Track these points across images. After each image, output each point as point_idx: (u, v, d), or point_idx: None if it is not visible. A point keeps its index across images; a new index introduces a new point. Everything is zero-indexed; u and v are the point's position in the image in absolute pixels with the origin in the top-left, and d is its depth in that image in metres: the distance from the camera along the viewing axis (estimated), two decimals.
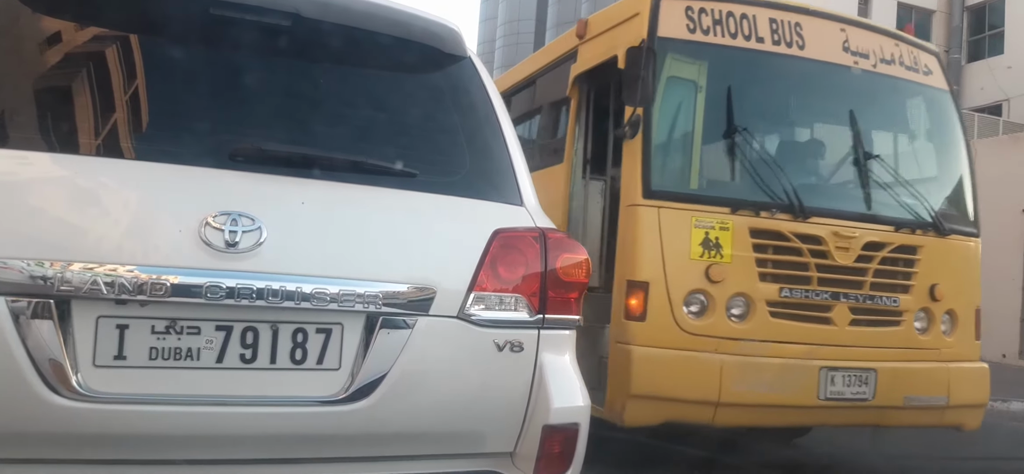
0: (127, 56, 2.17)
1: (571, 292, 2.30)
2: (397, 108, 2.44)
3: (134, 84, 2.16)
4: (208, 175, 1.99)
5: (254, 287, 1.90)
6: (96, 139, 2.07)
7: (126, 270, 1.83)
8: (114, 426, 1.85)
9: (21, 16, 2.17)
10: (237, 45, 2.25)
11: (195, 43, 2.24)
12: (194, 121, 2.15)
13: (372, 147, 2.30)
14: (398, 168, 2.24)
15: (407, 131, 2.42)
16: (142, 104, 2.15)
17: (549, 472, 2.23)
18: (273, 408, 1.97)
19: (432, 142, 2.43)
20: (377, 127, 2.39)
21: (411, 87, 2.51)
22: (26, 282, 1.78)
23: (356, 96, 2.40)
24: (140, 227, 1.92)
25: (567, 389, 2.26)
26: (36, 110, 2.13)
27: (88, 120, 2.11)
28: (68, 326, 1.82)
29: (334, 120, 2.33)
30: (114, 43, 2.17)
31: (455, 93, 2.47)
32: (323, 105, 2.34)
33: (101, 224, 1.91)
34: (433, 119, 2.46)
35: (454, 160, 2.41)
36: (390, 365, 2.04)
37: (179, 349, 1.89)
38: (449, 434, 2.19)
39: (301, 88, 2.33)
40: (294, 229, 2.01)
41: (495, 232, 2.20)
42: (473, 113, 2.46)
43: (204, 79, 2.22)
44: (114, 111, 2.12)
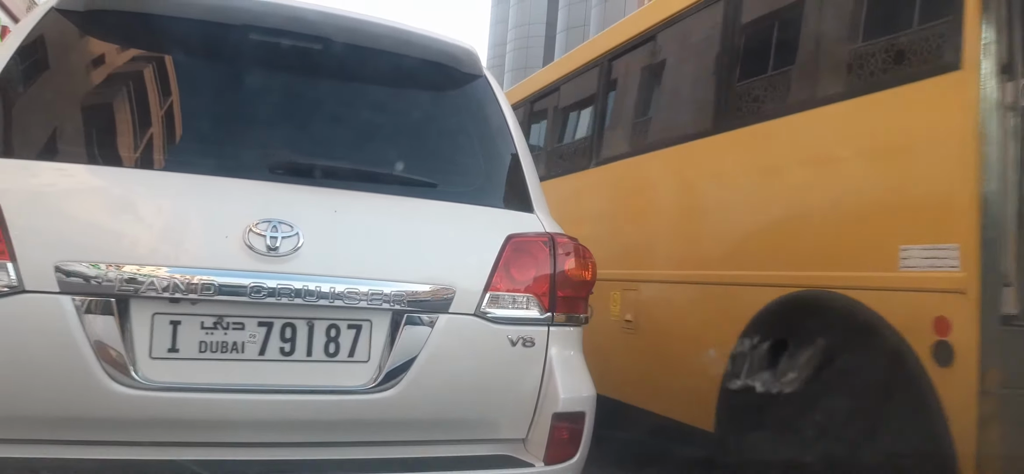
0: (178, 78, 2.38)
1: (579, 292, 2.47)
2: (419, 123, 2.63)
3: (184, 104, 2.36)
4: (251, 186, 2.18)
5: (293, 287, 2.09)
6: (152, 154, 2.27)
7: (179, 272, 2.02)
8: (167, 412, 2.04)
9: (86, 43, 2.40)
10: (275, 67, 2.44)
11: (237, 66, 2.43)
12: (237, 137, 2.34)
13: (397, 159, 2.48)
14: (420, 179, 2.42)
15: (428, 144, 2.61)
16: (191, 122, 2.35)
17: (558, 457, 2.38)
18: (309, 396, 2.15)
19: (451, 154, 2.62)
20: (401, 141, 2.57)
21: (431, 104, 2.70)
22: (91, 283, 1.97)
23: (382, 113, 2.58)
24: (191, 233, 2.11)
25: (575, 380, 2.43)
26: (99, 128, 2.32)
27: (145, 137, 2.31)
28: (127, 322, 2.01)
29: (362, 135, 2.51)
30: (166, 66, 2.37)
31: (471, 109, 2.66)
32: (352, 121, 2.52)
33: (157, 231, 2.10)
34: (451, 133, 2.65)
35: (471, 171, 2.60)
36: (414, 358, 2.21)
37: (226, 343, 2.08)
38: (466, 421, 2.35)
39: (332, 106, 2.51)
40: (328, 235, 2.18)
41: (508, 237, 2.37)
42: (488, 127, 2.64)
43: (246, 98, 2.41)
44: (167, 129, 2.33)
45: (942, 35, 2.99)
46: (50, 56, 2.34)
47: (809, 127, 3.59)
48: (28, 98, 2.29)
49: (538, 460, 2.36)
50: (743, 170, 3.98)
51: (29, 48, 2.28)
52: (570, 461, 2.41)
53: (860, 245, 3.20)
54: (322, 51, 2.43)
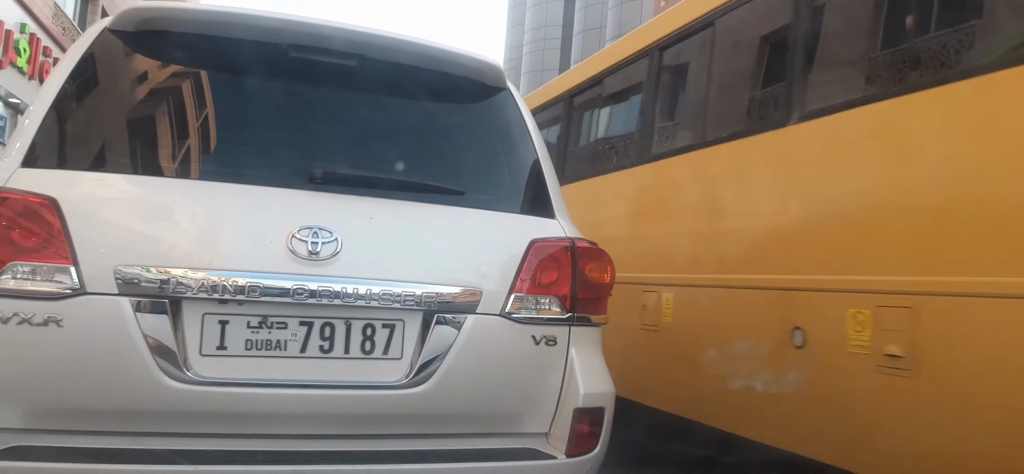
0: (223, 94, 2.53)
1: (598, 294, 2.59)
2: (447, 134, 2.77)
3: (229, 118, 2.51)
4: (293, 195, 2.32)
5: (332, 289, 2.22)
6: (200, 166, 2.42)
7: (227, 275, 2.16)
8: (217, 405, 2.18)
9: (137, 61, 2.55)
10: (313, 83, 2.58)
11: (278, 82, 2.58)
12: (279, 149, 2.48)
13: (427, 169, 2.62)
14: (448, 187, 2.55)
15: (456, 155, 2.74)
16: (236, 135, 2.50)
17: (579, 450, 2.49)
18: (346, 391, 2.28)
19: (477, 164, 2.75)
20: (430, 151, 2.70)
21: (458, 116, 2.84)
22: (147, 286, 2.11)
23: (412, 125, 2.72)
24: (238, 239, 2.25)
25: (595, 377, 2.54)
26: (150, 141, 2.47)
27: (193, 150, 2.45)
28: (179, 322, 2.15)
29: (394, 146, 2.64)
30: (212, 83, 2.53)
31: (496, 121, 2.79)
32: (385, 133, 2.66)
33: (206, 237, 2.25)
34: (478, 144, 2.78)
35: (496, 179, 2.73)
36: (443, 356, 2.34)
37: (270, 341, 2.21)
38: (493, 415, 2.48)
39: (366, 118, 2.66)
40: (364, 240, 2.31)
41: (531, 242, 2.49)
42: (511, 137, 2.77)
43: (286, 112, 2.56)
44: (214, 142, 2.48)
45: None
46: (104, 73, 2.50)
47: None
48: (84, 113, 2.44)
49: (560, 453, 2.47)
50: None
51: (83, 66, 2.43)
52: (591, 454, 2.51)
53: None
54: (357, 68, 2.58)
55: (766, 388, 3.82)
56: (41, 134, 2.26)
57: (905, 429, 3.04)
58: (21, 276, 2.06)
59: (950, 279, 2.88)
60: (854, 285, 3.26)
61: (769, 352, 3.78)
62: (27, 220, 2.09)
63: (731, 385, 3.97)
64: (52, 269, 2.07)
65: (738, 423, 4.01)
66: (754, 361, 3.90)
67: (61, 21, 20.34)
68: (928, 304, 2.94)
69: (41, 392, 2.10)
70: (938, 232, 2.97)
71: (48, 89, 2.38)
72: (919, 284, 2.98)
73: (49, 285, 2.07)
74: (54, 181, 2.16)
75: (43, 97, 2.36)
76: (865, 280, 3.21)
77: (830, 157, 3.55)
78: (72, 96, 2.39)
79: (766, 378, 3.85)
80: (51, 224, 2.09)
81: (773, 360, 3.75)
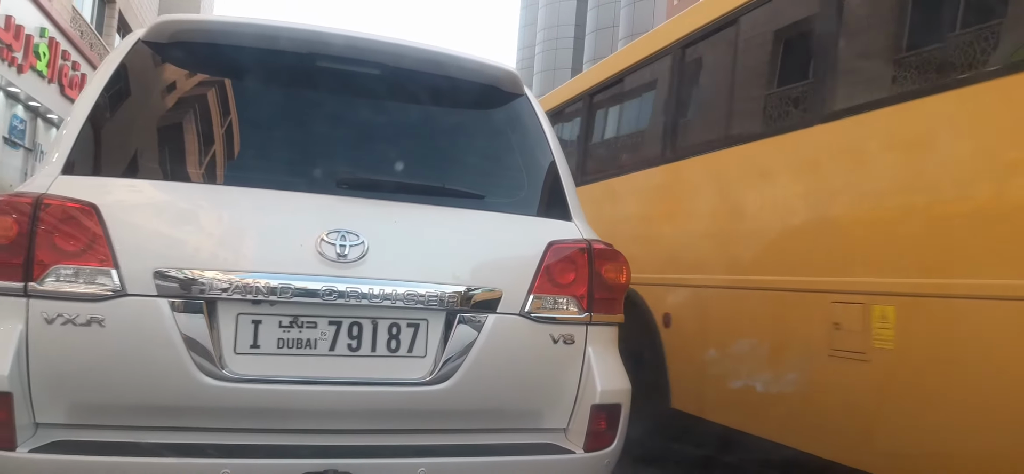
0: (253, 102, 2.63)
1: (614, 294, 2.67)
2: (468, 140, 2.86)
3: (259, 126, 2.61)
4: (321, 200, 2.41)
5: (359, 290, 2.32)
6: (232, 171, 2.52)
7: (260, 277, 2.26)
8: (251, 401, 2.27)
9: (170, 71, 2.66)
10: (339, 91, 2.68)
11: (305, 90, 2.68)
12: (307, 156, 2.57)
13: (448, 174, 2.71)
14: (469, 191, 2.64)
15: (476, 159, 2.83)
16: (266, 142, 2.60)
17: (596, 445, 2.57)
18: (373, 387, 2.37)
19: (496, 168, 2.83)
20: (451, 156, 2.80)
21: (478, 122, 2.92)
22: (184, 287, 2.21)
23: (434, 131, 2.82)
24: (270, 243, 2.34)
25: (611, 375, 2.62)
26: (185, 148, 2.58)
27: (226, 156, 2.56)
28: (215, 322, 2.25)
29: (417, 152, 2.73)
30: (242, 92, 2.63)
31: (514, 126, 2.88)
32: (408, 139, 2.75)
33: (240, 240, 2.34)
34: (496, 148, 2.87)
35: (514, 183, 2.81)
36: (466, 354, 2.42)
37: (300, 340, 2.31)
38: (513, 411, 2.56)
39: (390, 125, 2.75)
40: (389, 243, 2.40)
41: (549, 244, 2.57)
42: (529, 142, 2.85)
43: (313, 120, 2.65)
44: (245, 148, 2.58)
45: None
46: (138, 83, 2.60)
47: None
48: (120, 121, 2.54)
49: (578, 447, 2.55)
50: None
51: (118, 76, 2.53)
52: (608, 449, 2.59)
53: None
54: (381, 76, 2.67)
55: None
56: (79, 143, 2.36)
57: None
58: (64, 279, 2.16)
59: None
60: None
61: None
62: (69, 225, 2.19)
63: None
64: (94, 272, 2.17)
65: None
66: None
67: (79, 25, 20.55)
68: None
69: (84, 389, 2.20)
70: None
71: (85, 99, 2.47)
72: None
73: (92, 287, 2.16)
74: (93, 188, 2.26)
75: (80, 107, 2.45)
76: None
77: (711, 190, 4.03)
78: (108, 105, 2.48)
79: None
80: (92, 229, 2.19)
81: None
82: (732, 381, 4.09)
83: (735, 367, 4.05)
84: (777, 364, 3.79)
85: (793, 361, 3.70)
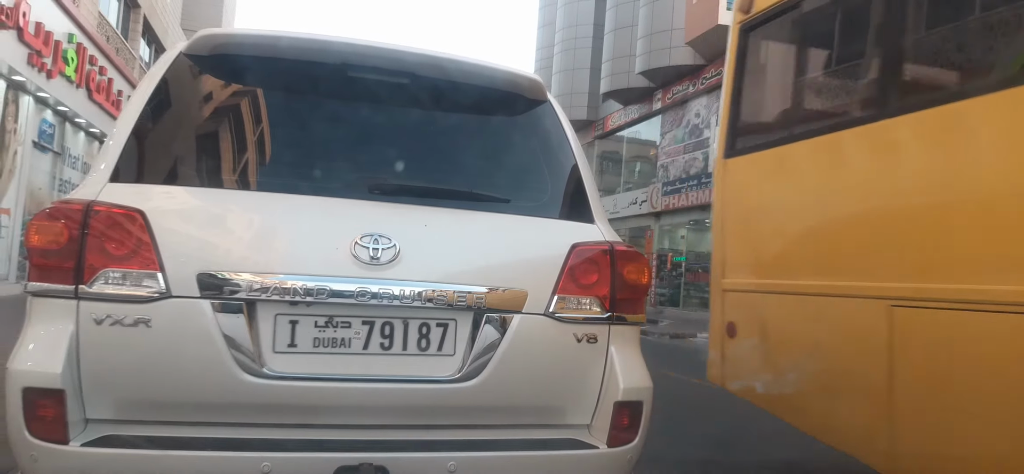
0: (289, 111, 2.74)
1: (635, 294, 2.74)
2: (494, 146, 2.95)
3: (295, 134, 2.71)
4: (355, 205, 2.51)
5: (391, 291, 2.41)
6: (270, 178, 2.62)
7: (298, 279, 2.36)
8: (288, 398, 2.37)
9: (210, 82, 2.78)
10: (372, 101, 2.78)
11: (339, 100, 2.78)
12: (341, 163, 2.68)
13: (475, 179, 2.80)
14: (496, 195, 2.73)
15: (502, 165, 2.92)
16: (302, 150, 2.70)
17: (619, 441, 2.64)
18: (405, 385, 2.47)
19: (521, 173, 2.92)
20: (479, 162, 2.89)
21: (504, 129, 3.02)
22: (226, 289, 2.32)
23: (461, 138, 2.91)
24: (307, 246, 2.43)
25: (634, 373, 2.69)
26: (225, 156, 2.69)
27: (263, 164, 2.67)
28: (255, 322, 2.35)
29: (445, 158, 2.83)
30: (279, 102, 2.74)
31: (538, 132, 2.96)
32: (436, 146, 2.85)
33: (278, 244, 2.45)
34: (521, 154, 2.96)
35: (539, 187, 2.90)
36: (492, 352, 2.51)
37: (335, 339, 2.41)
38: (538, 408, 2.65)
39: (419, 132, 2.85)
40: (420, 246, 2.49)
41: (573, 246, 2.65)
42: (552, 147, 2.94)
43: (346, 128, 2.76)
44: (282, 156, 2.68)
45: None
46: (180, 94, 2.72)
47: None
48: (163, 131, 2.65)
49: (602, 443, 2.62)
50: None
51: (161, 87, 2.65)
52: (630, 445, 2.67)
53: None
54: (411, 86, 2.77)
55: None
56: (126, 151, 2.47)
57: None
58: (113, 282, 2.27)
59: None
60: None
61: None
62: (117, 231, 2.30)
63: None
64: (141, 275, 2.28)
65: None
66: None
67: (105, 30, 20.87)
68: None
69: (131, 386, 2.31)
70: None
71: (130, 109, 2.59)
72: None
73: (139, 289, 2.27)
74: (140, 194, 2.36)
75: (126, 117, 2.56)
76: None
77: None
78: (152, 115, 2.59)
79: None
80: (139, 234, 2.30)
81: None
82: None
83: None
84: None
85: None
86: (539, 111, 2.99)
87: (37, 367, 2.23)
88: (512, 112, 2.99)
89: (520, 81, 2.96)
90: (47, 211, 2.33)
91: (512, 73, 2.97)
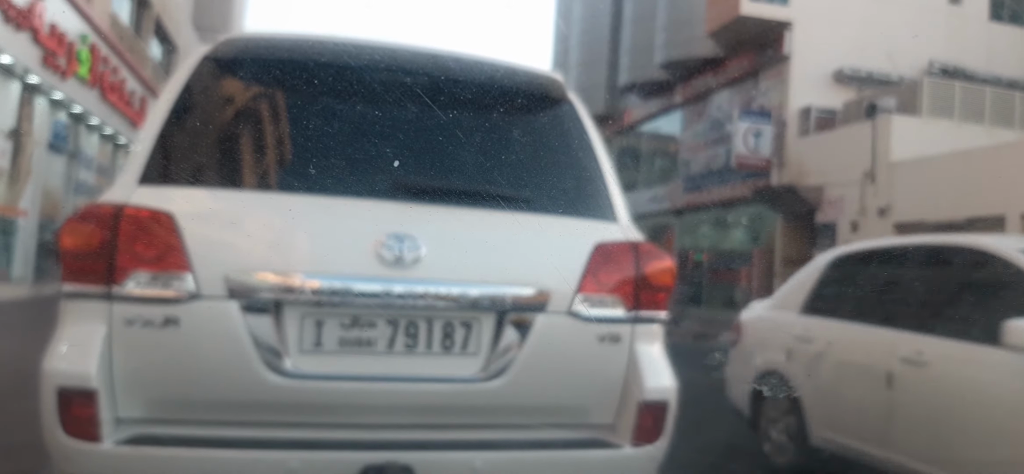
0: (314, 113, 2.71)
1: (659, 294, 2.72)
2: (516, 145, 2.92)
3: (320, 136, 2.69)
4: (379, 206, 2.50)
5: (416, 291, 2.41)
6: (296, 180, 2.59)
7: (324, 280, 2.36)
8: (315, 397, 2.39)
9: (235, 85, 2.78)
10: (394, 101, 2.76)
11: (362, 101, 2.76)
12: (365, 163, 2.66)
13: (499, 179, 2.77)
14: (519, 195, 2.70)
15: (525, 164, 2.89)
16: (327, 151, 2.67)
17: (643, 441, 2.62)
18: (429, 384, 2.47)
19: (544, 172, 2.89)
20: (502, 162, 2.85)
21: (526, 128, 2.99)
22: (254, 290, 2.33)
23: (485, 138, 2.89)
24: (332, 247, 2.44)
25: (658, 372, 2.67)
26: (251, 158, 2.68)
27: (289, 165, 2.65)
28: (281, 322, 2.36)
29: (469, 158, 2.82)
30: (304, 103, 2.72)
31: (560, 130, 2.94)
32: (460, 146, 2.81)
33: (304, 245, 2.45)
34: (544, 153, 2.93)
35: (562, 186, 2.87)
36: (516, 352, 2.50)
37: (360, 339, 2.42)
38: (561, 407, 2.63)
39: (442, 133, 2.80)
40: (443, 246, 2.48)
41: (596, 245, 2.64)
42: (575, 146, 2.90)
43: (371, 129, 2.74)
44: (308, 158, 2.66)
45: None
46: (206, 97, 2.72)
47: None
48: (190, 134, 2.65)
49: (626, 442, 2.62)
50: None
51: (187, 90, 2.65)
52: (655, 444, 2.65)
53: None
54: (434, 86, 2.75)
55: None
56: (153, 154, 2.48)
57: None
58: (143, 283, 2.30)
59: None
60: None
61: None
62: (147, 233, 2.32)
63: None
64: (170, 276, 2.30)
65: None
66: None
67: (118, 30, 20.86)
68: None
69: (161, 386, 2.35)
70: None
71: (157, 112, 2.60)
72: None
73: (168, 291, 2.30)
74: (169, 197, 2.39)
75: (153, 120, 2.57)
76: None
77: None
78: (178, 119, 2.60)
79: None
80: (169, 236, 2.32)
81: None
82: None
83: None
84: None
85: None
86: (561, 110, 2.97)
87: (71, 368, 2.27)
88: (535, 111, 2.99)
89: (542, 80, 2.97)
90: (78, 214, 2.39)
91: (534, 72, 2.98)
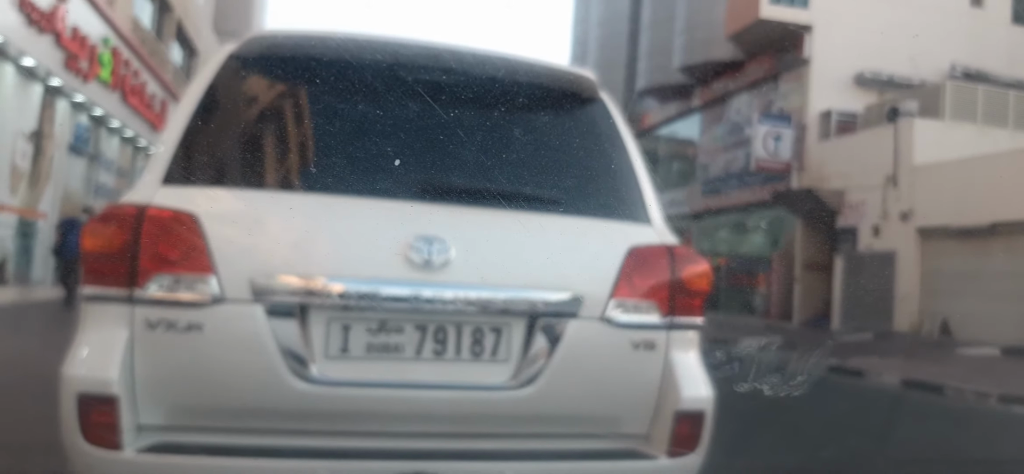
0: (340, 113, 2.65)
1: (695, 299, 2.62)
2: (548, 146, 2.83)
3: (347, 135, 2.62)
4: (408, 207, 2.42)
5: (445, 296, 2.33)
6: (322, 181, 2.52)
7: (351, 283, 2.29)
8: (340, 405, 2.31)
9: (260, 84, 2.72)
10: (423, 100, 2.67)
11: (390, 100, 2.68)
12: (393, 164, 2.57)
13: (530, 180, 2.68)
14: (550, 196, 2.62)
15: (556, 165, 2.79)
16: (354, 151, 2.60)
17: (679, 451, 2.53)
18: (457, 391, 2.38)
19: (576, 173, 2.79)
20: (533, 163, 2.77)
21: (558, 127, 2.90)
22: (279, 294, 2.25)
23: (515, 138, 2.80)
24: (359, 249, 2.36)
25: (694, 381, 2.57)
26: (277, 159, 2.62)
27: (316, 166, 2.58)
28: (307, 327, 2.29)
29: (499, 158, 2.72)
30: (330, 103, 2.65)
31: (592, 130, 2.85)
32: (489, 146, 2.73)
33: (331, 247, 2.37)
34: (576, 154, 2.83)
35: (594, 187, 2.77)
36: (548, 358, 2.42)
37: (388, 344, 2.34)
38: (593, 416, 2.54)
39: (472, 132, 2.73)
40: (473, 249, 2.40)
41: (630, 249, 2.55)
42: (608, 147, 2.81)
43: (399, 129, 2.65)
44: (335, 158, 2.59)
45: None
46: (231, 96, 2.66)
47: None
48: (214, 133, 2.58)
49: (661, 453, 2.52)
50: None
51: (212, 90, 2.59)
52: (691, 455, 2.55)
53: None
54: (463, 85, 2.68)
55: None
56: (178, 154, 2.42)
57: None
58: (167, 286, 2.23)
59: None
60: None
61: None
62: (171, 234, 2.26)
63: None
64: (194, 279, 2.23)
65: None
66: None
67: (140, 33, 20.99)
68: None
69: (184, 392, 2.27)
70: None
71: (181, 112, 2.53)
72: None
73: (192, 294, 2.23)
74: (193, 197, 2.32)
75: (176, 120, 2.51)
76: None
77: None
78: (202, 118, 2.53)
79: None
80: (193, 237, 2.25)
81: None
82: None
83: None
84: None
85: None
86: (594, 109, 2.89)
87: (92, 373, 2.20)
88: (566, 110, 2.90)
89: (574, 78, 2.89)
90: (100, 215, 2.33)
91: (565, 70, 2.90)
